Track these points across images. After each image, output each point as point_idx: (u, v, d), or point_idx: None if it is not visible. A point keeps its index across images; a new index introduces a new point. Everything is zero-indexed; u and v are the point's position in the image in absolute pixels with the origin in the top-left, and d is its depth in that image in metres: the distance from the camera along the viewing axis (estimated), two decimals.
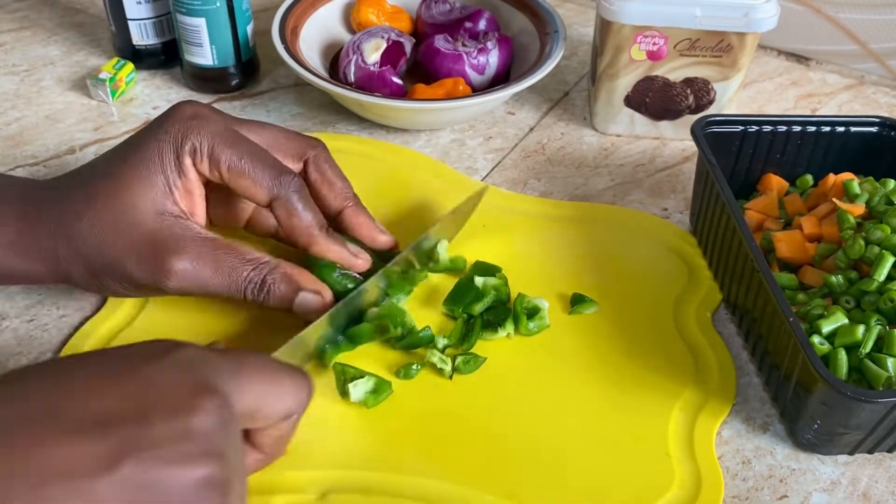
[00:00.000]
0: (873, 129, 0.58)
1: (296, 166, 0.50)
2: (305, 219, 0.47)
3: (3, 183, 0.49)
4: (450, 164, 0.65)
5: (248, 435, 0.38)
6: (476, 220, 0.59)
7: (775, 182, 0.59)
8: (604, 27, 0.64)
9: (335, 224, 0.51)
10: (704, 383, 0.49)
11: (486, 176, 0.65)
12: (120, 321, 0.51)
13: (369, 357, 0.49)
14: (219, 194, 0.51)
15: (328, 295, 0.48)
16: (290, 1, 0.71)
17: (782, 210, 0.57)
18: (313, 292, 0.47)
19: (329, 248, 0.48)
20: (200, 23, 0.66)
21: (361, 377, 0.47)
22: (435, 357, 0.49)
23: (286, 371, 0.38)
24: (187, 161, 0.46)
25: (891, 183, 0.54)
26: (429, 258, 0.54)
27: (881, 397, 0.41)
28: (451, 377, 0.49)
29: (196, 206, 0.48)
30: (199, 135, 0.46)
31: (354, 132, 0.68)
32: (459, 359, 0.49)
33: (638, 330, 0.52)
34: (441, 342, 0.50)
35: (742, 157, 0.59)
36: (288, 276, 0.47)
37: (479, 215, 0.59)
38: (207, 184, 0.48)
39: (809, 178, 0.59)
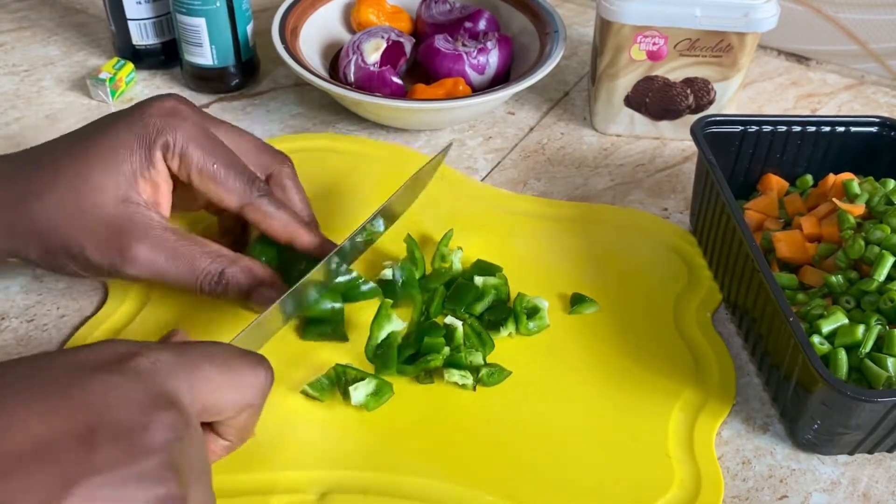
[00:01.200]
0: (873, 129, 0.58)
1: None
2: (282, 219, 0.49)
3: None
4: (449, 164, 0.65)
5: (210, 425, 0.38)
6: (476, 220, 0.59)
7: (775, 182, 0.59)
8: (604, 27, 0.64)
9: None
10: (704, 383, 0.49)
11: (487, 176, 0.65)
12: (119, 320, 0.51)
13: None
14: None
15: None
16: (289, 1, 0.71)
17: (782, 210, 0.57)
18: (272, 286, 0.48)
19: (310, 240, 0.49)
20: (200, 23, 0.66)
21: (362, 379, 0.47)
22: (454, 376, 0.48)
23: (244, 361, 0.37)
24: (158, 155, 0.46)
25: (891, 183, 0.54)
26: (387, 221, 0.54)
27: (881, 397, 0.41)
28: (474, 388, 0.48)
29: (161, 197, 0.48)
30: (175, 132, 0.46)
31: (354, 132, 0.68)
32: (484, 371, 0.48)
33: (638, 330, 0.52)
34: (476, 357, 0.48)
35: (742, 156, 0.59)
36: (247, 269, 0.47)
37: (479, 215, 0.59)
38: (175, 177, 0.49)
39: (809, 178, 0.59)
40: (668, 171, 0.66)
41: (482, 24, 0.72)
